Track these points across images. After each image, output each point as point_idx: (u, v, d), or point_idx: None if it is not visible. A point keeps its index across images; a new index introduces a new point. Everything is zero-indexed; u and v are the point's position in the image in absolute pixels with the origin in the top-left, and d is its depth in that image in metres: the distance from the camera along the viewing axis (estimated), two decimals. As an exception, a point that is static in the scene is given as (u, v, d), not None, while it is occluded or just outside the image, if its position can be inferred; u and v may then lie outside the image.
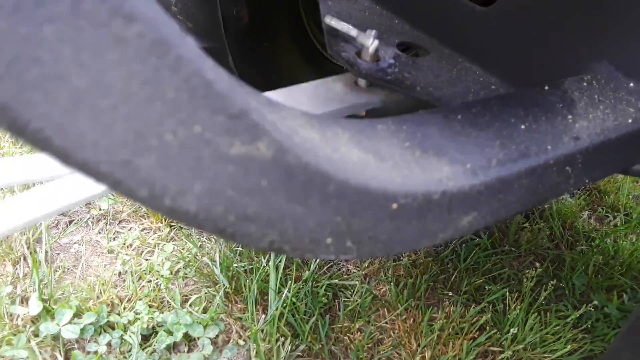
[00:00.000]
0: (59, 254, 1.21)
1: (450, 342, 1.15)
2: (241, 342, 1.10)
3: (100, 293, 1.11)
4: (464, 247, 1.38)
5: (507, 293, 1.26)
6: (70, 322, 1.02)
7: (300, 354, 1.10)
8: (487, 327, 1.18)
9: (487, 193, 0.45)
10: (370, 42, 0.75)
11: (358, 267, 1.33)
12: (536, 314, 1.21)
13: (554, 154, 0.49)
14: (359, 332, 1.15)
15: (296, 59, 1.27)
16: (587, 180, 0.58)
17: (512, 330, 1.16)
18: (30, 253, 1.15)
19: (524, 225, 1.50)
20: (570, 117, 0.55)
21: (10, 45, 0.18)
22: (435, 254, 1.37)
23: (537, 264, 1.33)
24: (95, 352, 1.00)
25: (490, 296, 1.25)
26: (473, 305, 1.23)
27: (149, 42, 0.21)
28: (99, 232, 1.28)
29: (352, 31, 0.77)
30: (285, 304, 1.11)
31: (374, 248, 0.41)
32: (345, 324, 1.16)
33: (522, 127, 0.51)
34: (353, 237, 0.38)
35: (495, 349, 1.17)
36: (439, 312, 1.23)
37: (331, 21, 0.81)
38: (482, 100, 0.55)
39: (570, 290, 1.36)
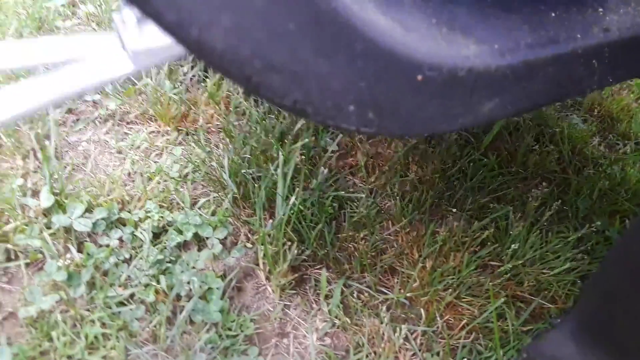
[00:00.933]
0: (67, 151, 1.21)
1: (452, 255, 1.18)
2: (249, 245, 1.13)
3: (111, 191, 1.13)
4: (471, 166, 1.38)
5: (511, 212, 1.28)
6: (82, 216, 1.05)
7: (306, 258, 1.13)
8: (489, 243, 1.21)
9: (512, 77, 0.44)
10: None
11: (364, 181, 1.34)
12: (538, 232, 1.23)
13: (582, 43, 0.47)
14: (363, 241, 1.18)
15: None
16: (611, 80, 0.56)
17: (512, 246, 1.19)
18: (40, 148, 1.15)
19: (533, 147, 1.50)
20: (601, 9, 0.53)
21: None
22: (442, 171, 1.37)
23: (545, 187, 1.34)
24: (108, 246, 1.04)
25: (494, 214, 1.27)
26: (476, 222, 1.25)
27: None
28: (107, 132, 1.29)
29: None
30: (292, 211, 1.13)
31: (394, 124, 0.40)
32: (350, 233, 1.19)
33: (553, 14, 0.49)
34: (375, 108, 0.38)
35: (494, 263, 1.20)
36: (442, 227, 1.26)
37: None
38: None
39: (573, 213, 1.38)
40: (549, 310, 1.15)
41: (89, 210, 1.07)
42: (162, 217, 1.10)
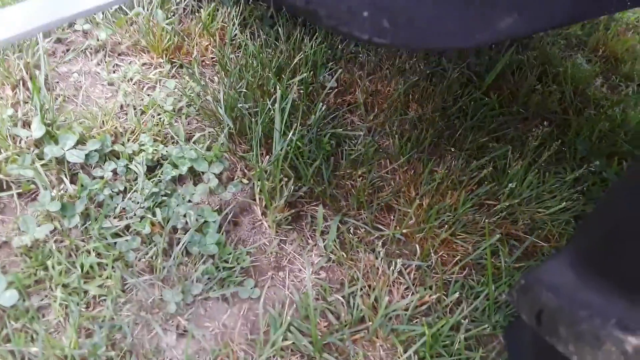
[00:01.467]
0: (57, 82, 1.17)
1: (449, 193, 1.17)
2: (245, 181, 1.12)
3: (103, 123, 1.10)
4: (472, 105, 1.36)
5: (510, 151, 1.26)
6: (74, 147, 1.02)
7: (302, 194, 1.13)
8: (486, 182, 1.20)
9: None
10: None
11: (363, 119, 1.31)
12: (535, 171, 1.23)
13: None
14: (360, 179, 1.17)
15: None
16: (629, 3, 0.53)
17: (510, 185, 1.18)
18: (30, 77, 1.11)
19: (536, 87, 1.47)
20: None
21: None
22: (442, 110, 1.35)
23: (545, 128, 1.32)
24: (101, 178, 1.02)
25: (493, 153, 1.26)
26: (474, 161, 1.24)
27: None
28: (98, 64, 1.24)
29: None
30: (289, 147, 1.11)
31: (409, 35, 0.38)
32: (347, 171, 1.18)
33: None
34: (390, 16, 0.35)
35: (491, 202, 1.20)
36: (440, 166, 1.24)
37: None
38: None
39: (571, 154, 1.37)
40: (542, 248, 1.16)
41: (81, 142, 1.05)
42: (156, 150, 1.07)
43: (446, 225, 1.10)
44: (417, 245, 1.09)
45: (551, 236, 1.17)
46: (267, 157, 1.13)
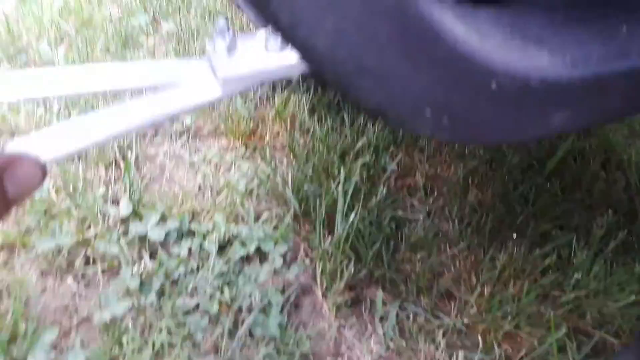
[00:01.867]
0: (146, 163, 1.30)
1: (511, 282, 1.16)
2: (307, 261, 1.16)
3: (183, 202, 1.20)
4: (534, 191, 1.37)
5: (574, 240, 1.24)
6: (156, 225, 1.12)
7: (362, 277, 1.15)
8: (550, 271, 1.18)
9: (584, 89, 0.46)
10: None
11: (423, 202, 1.35)
12: (602, 262, 1.19)
13: (655, 58, 0.48)
14: (419, 263, 1.18)
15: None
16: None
17: (575, 275, 1.15)
18: (123, 158, 1.24)
19: (599, 174, 1.46)
20: (675, 27, 0.53)
21: None
22: (503, 195, 1.36)
23: (610, 216, 1.30)
24: (178, 255, 1.10)
25: (557, 241, 1.24)
26: (537, 249, 1.23)
27: None
28: (182, 146, 1.37)
29: None
30: (351, 229, 1.15)
31: (467, 131, 0.43)
32: (406, 255, 1.20)
33: (624, 29, 0.50)
34: (450, 114, 0.40)
35: (556, 293, 1.17)
36: (502, 253, 1.24)
37: None
38: None
39: (639, 244, 1.32)
40: (612, 345, 1.10)
41: (162, 219, 1.14)
42: (228, 229, 1.15)
43: (509, 317, 1.08)
44: (479, 337, 1.07)
45: (622, 331, 1.12)
46: (330, 238, 1.17)
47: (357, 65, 0.33)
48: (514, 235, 1.27)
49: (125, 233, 1.11)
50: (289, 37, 0.30)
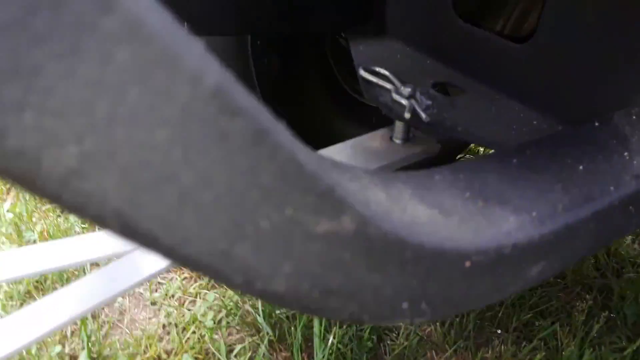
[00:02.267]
0: (103, 308, 1.21)
1: (504, 382, 1.10)
2: (288, 392, 1.08)
3: (147, 347, 1.11)
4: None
5: (558, 328, 1.22)
6: (118, 380, 1.02)
7: (349, 402, 1.07)
8: (541, 365, 1.14)
9: (555, 241, 0.44)
10: (407, 94, 0.75)
11: (400, 307, 1.30)
12: (591, 349, 1.16)
13: (617, 196, 0.48)
14: (407, 376, 1.12)
15: (327, 104, 1.29)
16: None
17: (567, 367, 1.11)
18: (77, 311, 1.15)
19: (568, 254, 1.46)
20: (626, 153, 0.54)
21: (125, 152, 0.19)
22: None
23: (587, 296, 1.29)
24: (145, 410, 1.00)
25: (541, 332, 1.21)
26: (524, 343, 1.19)
27: (250, 134, 0.21)
28: (141, 284, 1.29)
29: (387, 85, 0.78)
30: (330, 350, 1.09)
31: (447, 308, 0.40)
32: (392, 368, 1.13)
33: (581, 168, 0.50)
34: (428, 299, 0.37)
35: (551, 387, 1.12)
36: (490, 352, 1.19)
37: (365, 74, 0.82)
38: (534, 141, 0.54)
39: (622, 321, 1.31)
40: None
41: (125, 371, 1.05)
42: (199, 370, 1.06)
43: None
44: None
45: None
46: (310, 363, 1.10)
47: (323, 291, 0.30)
48: (499, 331, 1.23)
49: (86, 394, 1.01)
50: (247, 291, 0.26)
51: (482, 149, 1.78)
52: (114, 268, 0.63)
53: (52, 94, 0.17)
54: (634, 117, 0.61)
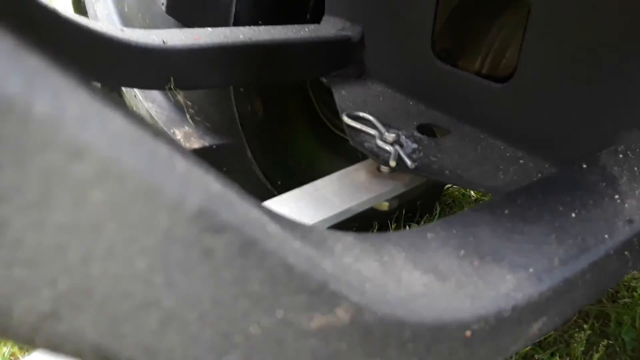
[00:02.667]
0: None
1: (507, 421, 1.07)
2: None
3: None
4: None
5: (558, 359, 1.20)
6: None
7: None
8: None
9: (554, 296, 0.43)
10: (391, 140, 0.75)
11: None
12: (593, 379, 1.15)
13: (612, 244, 0.47)
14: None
15: (311, 142, 1.29)
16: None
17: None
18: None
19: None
20: (617, 196, 0.53)
21: (102, 287, 0.17)
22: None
23: (584, 325, 1.27)
24: None
25: (541, 365, 1.19)
26: (525, 377, 1.17)
27: (237, 247, 0.20)
28: None
29: (372, 131, 0.78)
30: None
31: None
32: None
33: (573, 215, 0.49)
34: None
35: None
36: (490, 388, 1.16)
37: (349, 120, 0.81)
38: (524, 188, 0.54)
39: (621, 347, 1.29)
40: None
41: None
42: None
43: None
44: None
45: None
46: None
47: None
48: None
49: None
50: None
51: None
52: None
53: (21, 245, 0.16)
54: (621, 155, 0.61)
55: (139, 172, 0.17)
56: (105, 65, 0.79)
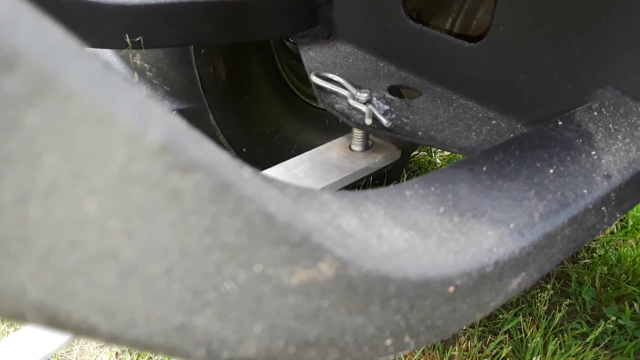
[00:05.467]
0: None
1: (474, 380, 1.10)
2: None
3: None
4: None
5: (522, 319, 1.23)
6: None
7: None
8: (508, 358, 1.14)
9: (535, 251, 0.42)
10: (364, 99, 0.72)
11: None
12: (554, 336, 1.18)
13: (591, 198, 0.46)
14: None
15: (277, 107, 1.25)
16: (618, 215, 0.55)
17: (534, 359, 1.12)
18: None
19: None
20: (593, 152, 0.53)
21: (44, 234, 0.14)
22: (443, 288, 1.33)
23: (547, 285, 1.30)
24: None
25: (506, 325, 1.22)
26: (490, 337, 1.19)
27: (208, 190, 0.17)
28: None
29: (342, 91, 0.75)
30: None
31: (431, 335, 0.37)
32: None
33: (551, 171, 0.48)
34: (411, 332, 0.34)
35: (520, 379, 1.13)
36: (457, 349, 1.19)
37: (318, 80, 0.78)
38: (500, 145, 0.52)
39: (581, 306, 1.34)
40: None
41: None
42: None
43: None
44: None
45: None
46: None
47: (301, 345, 0.26)
48: (464, 327, 1.23)
49: None
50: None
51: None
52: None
53: None
54: (595, 112, 0.61)
55: (87, 92, 0.14)
56: (57, 23, 0.72)
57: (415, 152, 1.73)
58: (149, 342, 0.18)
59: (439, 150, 1.81)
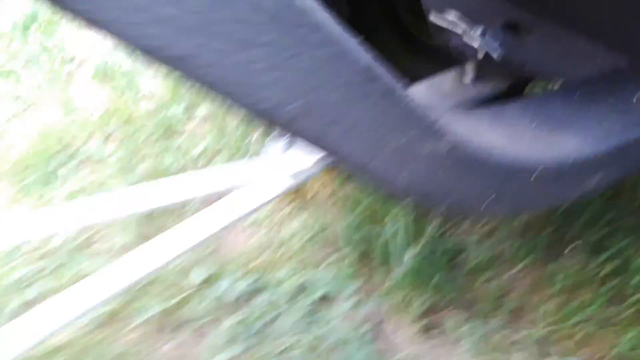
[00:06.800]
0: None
1: (576, 292, 1.21)
2: (374, 299, 1.25)
3: (248, 262, 1.33)
4: (579, 205, 1.40)
5: (628, 245, 1.28)
6: (230, 286, 1.26)
7: (430, 306, 1.22)
8: (611, 277, 1.22)
9: (609, 158, 0.54)
10: (477, 37, 0.82)
11: (471, 232, 1.39)
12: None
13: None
14: (483, 286, 1.25)
15: (395, 47, 1.36)
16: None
17: (636, 277, 1.19)
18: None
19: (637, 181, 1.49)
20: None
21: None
22: (549, 214, 1.41)
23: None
24: (256, 309, 1.21)
25: (612, 248, 1.28)
26: (595, 259, 1.27)
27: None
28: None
29: (458, 29, 0.85)
30: (409, 264, 1.23)
31: (515, 209, 0.52)
32: (468, 280, 1.26)
33: (634, 100, 0.58)
34: (501, 203, 0.50)
35: (620, 297, 1.21)
36: (560, 267, 1.28)
37: (435, 18, 0.89)
38: (596, 77, 0.62)
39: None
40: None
41: (234, 281, 1.27)
42: (294, 280, 1.26)
43: (580, 324, 1.13)
44: (555, 346, 1.12)
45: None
46: (390, 275, 1.26)
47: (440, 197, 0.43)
48: (569, 248, 1.31)
49: (205, 297, 1.23)
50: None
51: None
52: (221, 205, 0.79)
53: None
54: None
55: None
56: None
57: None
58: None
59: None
